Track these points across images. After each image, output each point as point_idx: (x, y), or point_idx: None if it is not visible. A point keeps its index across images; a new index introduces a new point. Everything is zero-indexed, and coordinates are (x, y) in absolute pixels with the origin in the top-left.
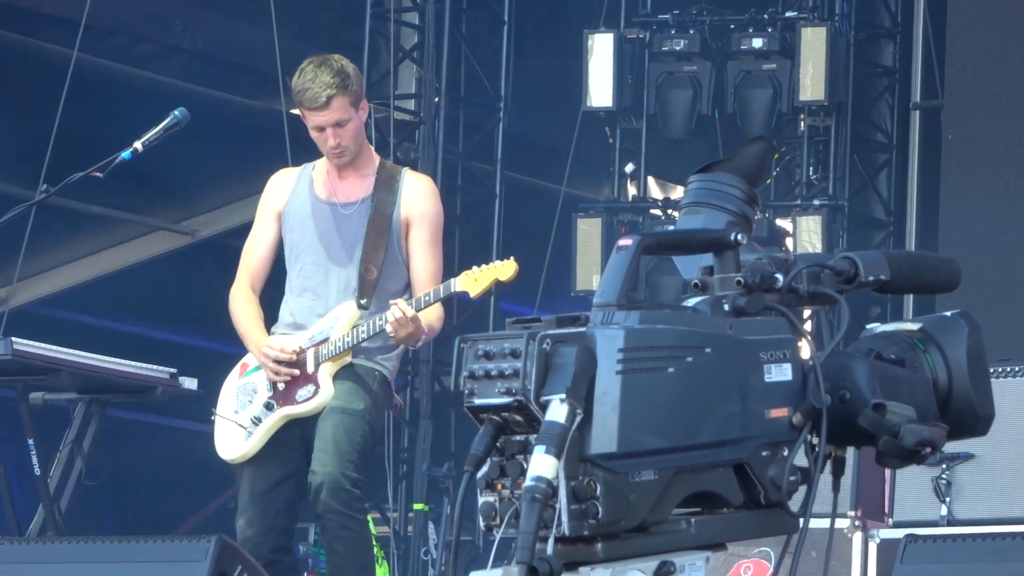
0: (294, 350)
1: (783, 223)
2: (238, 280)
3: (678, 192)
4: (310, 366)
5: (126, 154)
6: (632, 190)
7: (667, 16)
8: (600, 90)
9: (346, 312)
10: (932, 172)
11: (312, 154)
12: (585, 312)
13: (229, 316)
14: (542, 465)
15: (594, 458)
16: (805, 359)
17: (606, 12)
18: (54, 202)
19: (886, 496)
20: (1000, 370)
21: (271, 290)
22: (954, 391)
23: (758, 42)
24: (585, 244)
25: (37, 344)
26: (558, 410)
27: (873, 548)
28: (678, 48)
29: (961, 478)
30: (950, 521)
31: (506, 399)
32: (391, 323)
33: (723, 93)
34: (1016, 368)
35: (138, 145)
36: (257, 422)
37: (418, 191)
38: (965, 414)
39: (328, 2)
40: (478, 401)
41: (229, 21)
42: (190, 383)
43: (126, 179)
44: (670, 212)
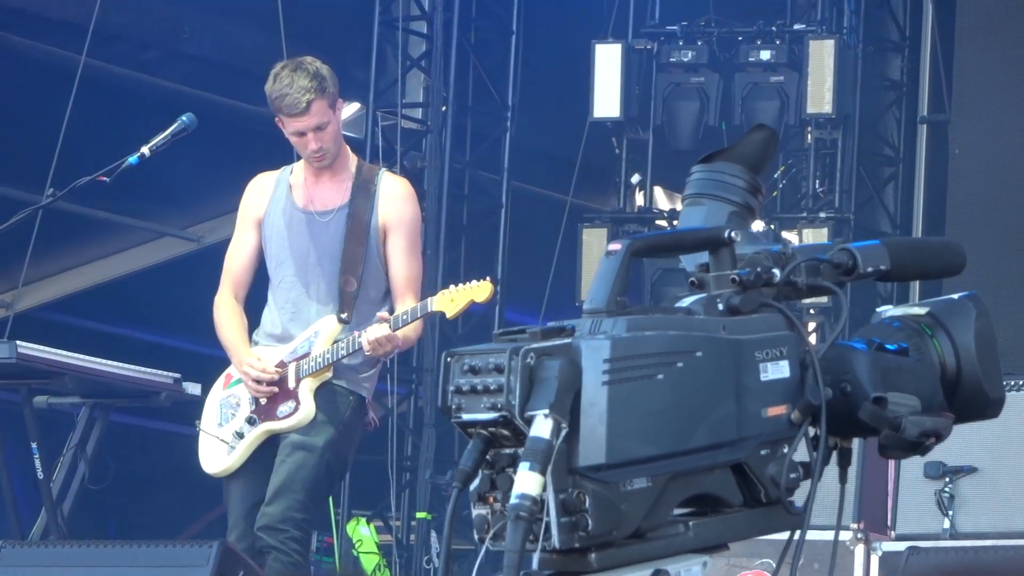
0: (276, 368)
1: (789, 235)
2: (221, 289)
3: None
4: (291, 381)
5: (133, 159)
6: (639, 200)
7: (675, 27)
8: (607, 100)
9: (327, 327)
10: (939, 186)
11: None
12: (572, 321)
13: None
14: (527, 482)
15: (583, 470)
16: (803, 354)
17: (614, 23)
18: (60, 207)
19: (889, 508)
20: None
21: (256, 294)
22: (963, 375)
23: (766, 54)
24: (590, 254)
25: (41, 348)
26: (542, 425)
27: (875, 561)
28: (686, 59)
29: (964, 491)
30: (953, 534)
31: (492, 415)
32: (370, 343)
33: (730, 105)
34: (1019, 382)
35: (145, 150)
36: (240, 436)
37: (395, 196)
38: (975, 398)
39: (336, 9)
40: (465, 416)
41: (237, 27)
42: (193, 388)
43: (133, 184)
44: (675, 224)
